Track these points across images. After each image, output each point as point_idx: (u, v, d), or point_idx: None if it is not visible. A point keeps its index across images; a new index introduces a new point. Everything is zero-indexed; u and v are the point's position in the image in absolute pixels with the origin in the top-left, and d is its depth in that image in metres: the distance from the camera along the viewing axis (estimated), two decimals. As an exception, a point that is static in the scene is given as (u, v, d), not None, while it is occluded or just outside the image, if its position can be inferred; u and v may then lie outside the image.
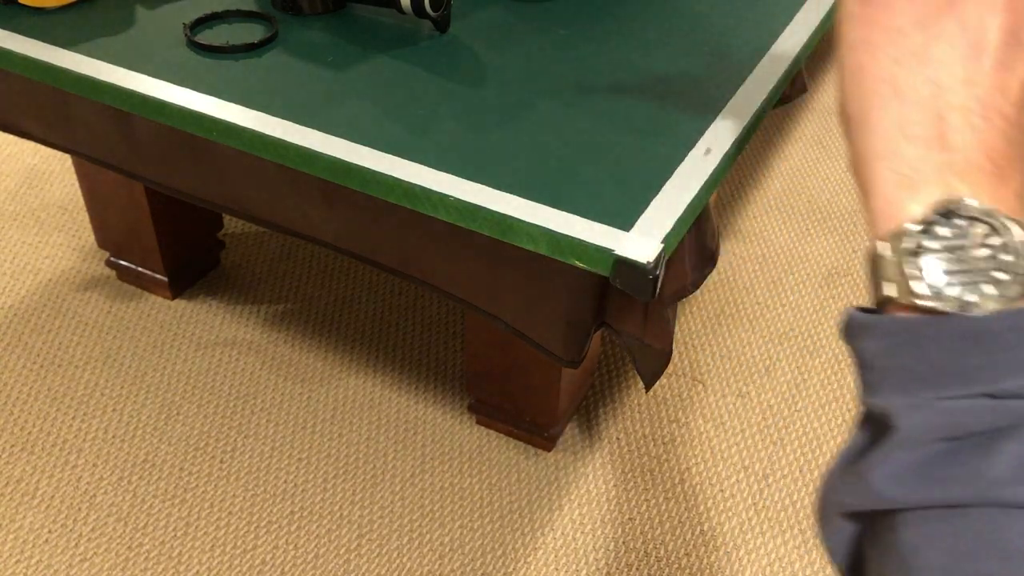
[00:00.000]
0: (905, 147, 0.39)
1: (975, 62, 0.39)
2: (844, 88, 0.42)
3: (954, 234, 0.37)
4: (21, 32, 0.83)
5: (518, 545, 1.15)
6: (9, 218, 1.59)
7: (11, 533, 1.14)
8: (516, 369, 1.19)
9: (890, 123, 0.40)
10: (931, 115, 0.39)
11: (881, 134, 0.40)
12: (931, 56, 0.39)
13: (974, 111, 0.38)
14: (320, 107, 0.75)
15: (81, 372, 1.34)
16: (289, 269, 1.51)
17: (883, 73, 0.40)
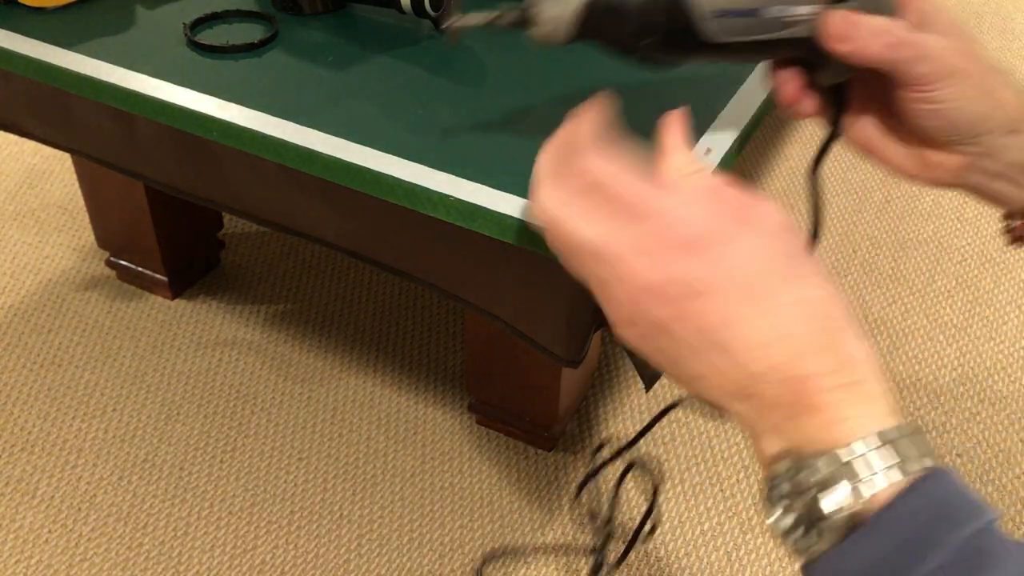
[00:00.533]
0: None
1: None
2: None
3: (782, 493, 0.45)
4: (21, 32, 0.83)
5: (518, 545, 1.15)
6: (9, 218, 1.59)
7: (11, 533, 1.14)
8: (516, 369, 1.19)
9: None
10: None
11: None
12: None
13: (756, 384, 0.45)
14: (320, 107, 0.75)
15: (81, 372, 1.34)
16: (289, 269, 1.51)
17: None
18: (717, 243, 0.45)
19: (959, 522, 0.41)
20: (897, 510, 0.42)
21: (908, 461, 0.43)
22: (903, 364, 1.39)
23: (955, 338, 1.43)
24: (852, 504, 0.42)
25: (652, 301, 0.46)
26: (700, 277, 0.45)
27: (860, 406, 0.44)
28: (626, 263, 0.46)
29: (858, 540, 0.42)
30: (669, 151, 0.50)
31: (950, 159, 0.58)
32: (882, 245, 1.60)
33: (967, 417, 1.32)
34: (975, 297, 1.51)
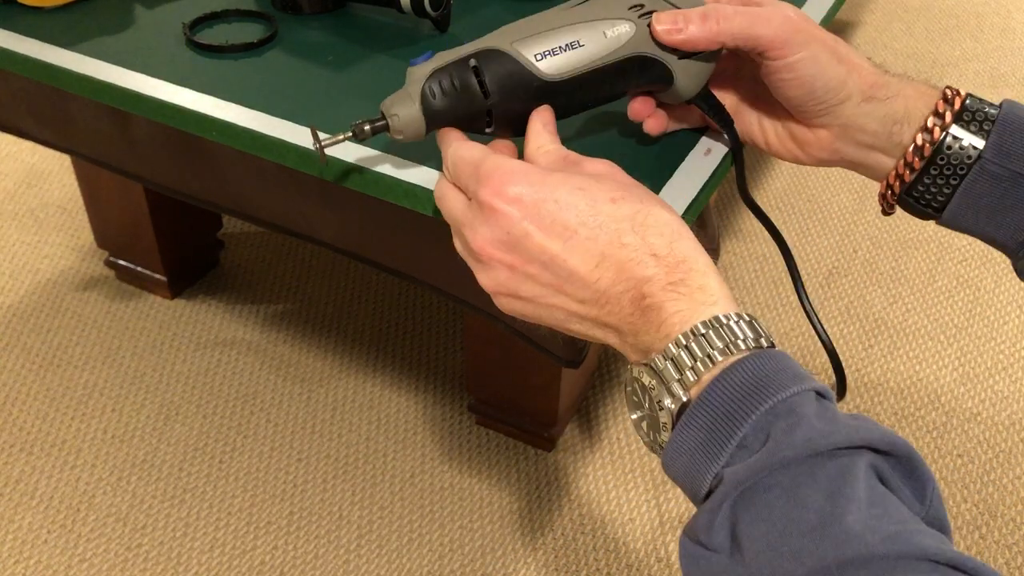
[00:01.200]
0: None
1: (565, 298, 0.52)
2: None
3: (634, 395, 0.52)
4: (20, 31, 0.83)
5: (518, 545, 1.15)
6: (8, 218, 1.59)
7: (10, 533, 1.14)
8: (516, 369, 1.19)
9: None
10: (595, 327, 0.53)
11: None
12: (556, 306, 0.53)
13: (599, 312, 0.52)
14: (320, 107, 0.75)
15: (80, 372, 1.34)
16: (289, 269, 1.51)
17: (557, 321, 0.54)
18: (548, 189, 0.51)
19: (766, 393, 0.44)
20: (708, 392, 0.45)
21: (727, 347, 0.46)
22: (903, 364, 1.39)
23: (955, 338, 1.43)
24: (675, 397, 0.47)
25: (503, 253, 0.52)
26: (532, 220, 0.51)
27: (688, 299, 0.48)
28: (476, 230, 0.53)
29: (682, 429, 0.46)
30: (531, 135, 0.58)
31: (819, 135, 0.63)
32: (882, 245, 1.60)
33: (967, 417, 1.31)
34: (976, 297, 1.50)
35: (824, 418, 0.44)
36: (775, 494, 0.42)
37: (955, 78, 2.03)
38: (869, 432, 0.43)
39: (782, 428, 0.43)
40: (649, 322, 0.49)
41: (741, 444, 0.44)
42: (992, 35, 2.18)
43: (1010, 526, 1.18)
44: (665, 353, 0.48)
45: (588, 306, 0.52)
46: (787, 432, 0.43)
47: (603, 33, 0.59)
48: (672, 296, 0.49)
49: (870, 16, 2.25)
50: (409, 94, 0.58)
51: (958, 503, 1.21)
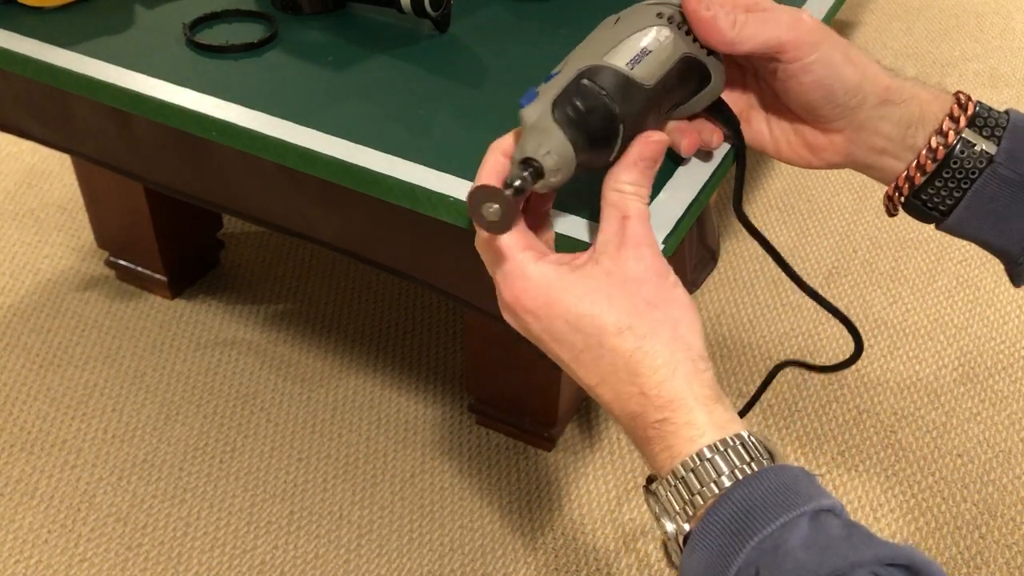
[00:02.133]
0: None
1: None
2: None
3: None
4: (20, 31, 0.83)
5: (518, 545, 1.15)
6: (8, 218, 1.59)
7: (10, 533, 1.14)
8: (516, 369, 1.19)
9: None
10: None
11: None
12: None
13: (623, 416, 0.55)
14: (320, 107, 0.75)
15: (80, 372, 1.34)
16: (289, 269, 1.51)
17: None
18: (560, 310, 0.53)
19: (752, 530, 0.46)
20: (704, 526, 0.48)
21: (719, 478, 0.48)
22: (903, 364, 1.39)
23: (955, 338, 1.43)
24: (684, 527, 0.49)
25: (525, 332, 0.56)
26: (544, 332, 0.54)
27: (672, 439, 0.51)
28: (502, 309, 0.57)
29: (687, 555, 0.49)
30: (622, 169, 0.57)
31: (833, 140, 0.63)
32: (882, 245, 1.60)
33: (967, 417, 1.31)
34: (976, 297, 1.50)
35: (812, 547, 0.45)
36: None
37: (955, 78, 2.03)
38: (860, 554, 0.44)
39: (768, 567, 0.45)
40: (646, 445, 0.53)
41: (756, 550, 0.46)
42: (992, 35, 2.18)
43: (1010, 526, 1.18)
44: (663, 486, 0.51)
45: (604, 402, 0.55)
46: (773, 571, 0.45)
47: (656, 39, 0.59)
48: (659, 434, 0.51)
49: (870, 16, 2.25)
50: (544, 129, 0.55)
51: (958, 503, 1.21)
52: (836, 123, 0.62)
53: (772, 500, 0.47)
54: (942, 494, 1.22)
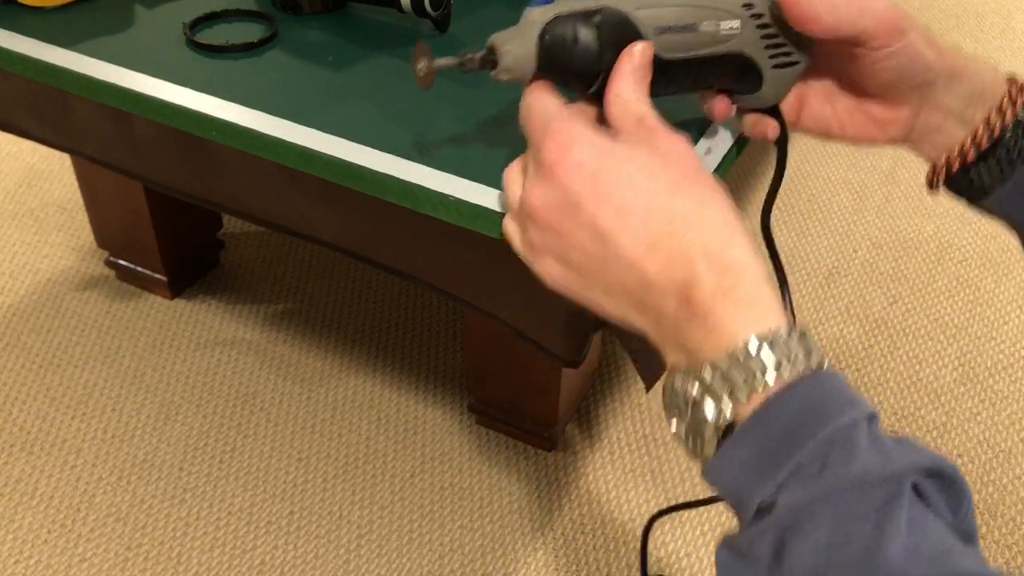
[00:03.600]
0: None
1: (605, 283, 0.51)
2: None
3: (673, 404, 0.50)
4: (20, 31, 0.83)
5: (518, 545, 1.15)
6: (8, 217, 1.59)
7: (10, 533, 1.14)
8: (516, 369, 1.19)
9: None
10: (636, 320, 0.52)
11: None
12: (604, 296, 0.52)
13: (637, 307, 0.51)
14: (320, 107, 0.75)
15: (80, 372, 1.34)
16: (289, 269, 1.51)
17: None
18: (611, 162, 0.50)
19: (823, 419, 0.44)
20: (763, 413, 0.45)
21: (784, 364, 0.45)
22: (903, 364, 1.39)
23: (955, 338, 1.43)
24: (729, 410, 0.46)
25: (554, 215, 0.51)
26: (589, 191, 0.50)
27: (740, 311, 0.46)
28: (532, 185, 0.52)
29: (732, 444, 0.45)
30: (616, 77, 0.55)
31: (900, 114, 0.63)
32: (882, 245, 1.60)
33: (967, 417, 1.31)
34: (976, 297, 1.50)
35: (875, 447, 0.44)
36: (825, 521, 0.42)
37: (955, 78, 2.03)
38: (915, 459, 0.43)
39: (839, 458, 0.43)
40: (696, 324, 0.47)
41: (796, 469, 0.44)
42: (992, 35, 2.18)
43: (1010, 526, 1.18)
44: (715, 365, 0.46)
45: (631, 290, 0.50)
46: (844, 463, 0.43)
47: (717, 24, 0.57)
48: (723, 304, 0.47)
49: (870, 16, 2.24)
50: (524, 34, 0.56)
51: (958, 503, 1.21)
52: (907, 98, 0.62)
53: (839, 396, 0.45)
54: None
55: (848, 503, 0.42)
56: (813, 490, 0.43)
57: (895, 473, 0.42)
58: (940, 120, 0.63)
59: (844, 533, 0.41)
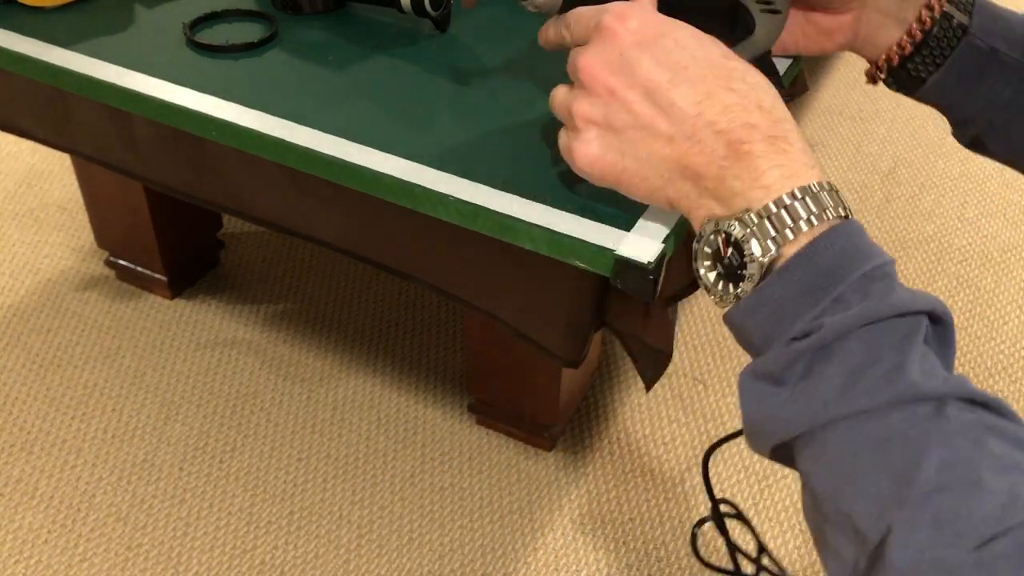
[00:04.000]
0: (682, 201, 0.54)
1: (656, 132, 0.53)
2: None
3: (711, 248, 0.52)
4: (20, 31, 0.83)
5: (518, 545, 1.15)
6: (8, 217, 1.59)
7: (10, 533, 1.14)
8: (516, 369, 1.19)
9: (670, 200, 0.55)
10: (676, 176, 0.54)
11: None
12: (642, 158, 0.54)
13: (689, 149, 0.52)
14: (320, 107, 0.75)
15: (80, 372, 1.34)
16: (289, 269, 1.51)
17: (640, 191, 0.56)
18: (669, 27, 0.54)
19: (864, 258, 0.48)
20: (810, 251, 0.48)
21: (822, 212, 0.49)
22: (903, 364, 1.39)
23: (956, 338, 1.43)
24: (770, 252, 0.49)
25: (608, 74, 0.54)
26: (647, 49, 0.53)
27: (783, 158, 0.50)
28: (587, 51, 0.55)
29: (773, 281, 0.49)
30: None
31: (843, 21, 0.71)
32: (882, 245, 1.59)
33: (967, 417, 1.31)
34: (976, 297, 1.50)
35: (903, 286, 0.49)
36: (855, 344, 0.46)
37: (955, 78, 2.03)
38: (933, 303, 0.48)
39: (880, 289, 0.47)
40: (743, 169, 0.50)
41: (838, 299, 0.47)
42: (992, 35, 2.18)
43: (1010, 526, 1.18)
44: (764, 209, 0.49)
45: (677, 143, 0.52)
46: (884, 293, 0.47)
47: None
48: (772, 150, 0.50)
49: (870, 16, 2.24)
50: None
51: (958, 503, 1.21)
52: (850, 5, 0.70)
53: (868, 242, 0.49)
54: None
55: (878, 332, 0.46)
56: (856, 316, 0.47)
57: (919, 310, 0.47)
58: (880, 21, 0.71)
59: (873, 356, 0.46)
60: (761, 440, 0.50)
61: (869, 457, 0.45)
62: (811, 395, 0.47)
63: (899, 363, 0.46)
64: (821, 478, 0.47)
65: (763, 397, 0.49)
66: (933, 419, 0.45)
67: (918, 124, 1.90)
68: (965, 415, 0.45)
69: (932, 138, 1.86)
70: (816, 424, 0.47)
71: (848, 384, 0.46)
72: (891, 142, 1.85)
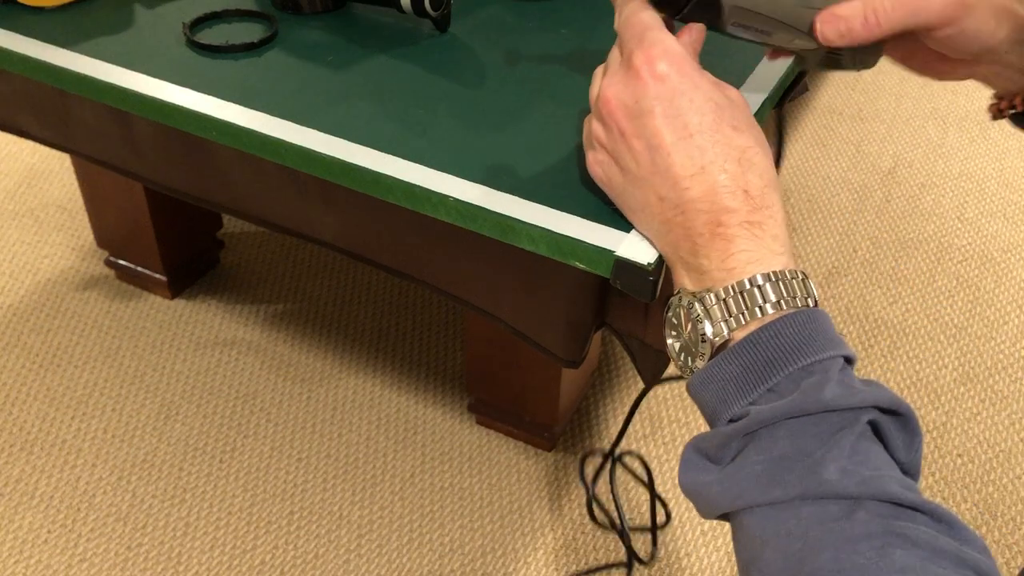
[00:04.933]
0: (668, 258, 0.56)
1: (651, 187, 0.56)
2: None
3: (676, 319, 0.55)
4: (20, 31, 0.83)
5: (518, 545, 1.15)
6: (8, 217, 1.59)
7: (10, 533, 1.14)
8: (516, 369, 1.19)
9: (660, 251, 0.57)
10: (663, 234, 0.56)
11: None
12: (639, 203, 0.57)
13: (673, 216, 0.55)
14: (320, 107, 0.75)
15: (80, 372, 1.34)
16: (289, 269, 1.51)
17: (639, 225, 0.59)
18: (691, 85, 0.55)
19: (806, 352, 0.49)
20: (755, 338, 0.50)
21: (780, 300, 0.50)
22: (903, 364, 1.39)
23: (955, 338, 1.43)
24: (722, 334, 0.51)
25: (622, 115, 0.56)
26: (663, 103, 0.55)
27: (753, 243, 0.52)
28: (613, 81, 0.57)
29: (721, 361, 0.51)
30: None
31: (967, 66, 0.67)
32: (882, 245, 1.60)
33: (967, 417, 1.31)
34: (976, 297, 1.50)
35: (845, 384, 0.49)
36: (782, 434, 0.48)
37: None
38: (878, 397, 0.48)
39: (812, 384, 0.48)
40: (714, 248, 0.52)
41: (772, 388, 0.49)
42: (992, 35, 2.18)
43: (1010, 526, 1.18)
44: (723, 291, 0.51)
45: (667, 206, 0.54)
46: (815, 389, 0.48)
47: (791, 40, 0.61)
48: (746, 234, 0.52)
49: (870, 16, 2.24)
50: None
51: (958, 503, 1.21)
52: (976, 58, 0.66)
53: (825, 334, 0.50)
54: (942, 494, 1.21)
55: (806, 425, 0.47)
56: (781, 408, 0.48)
57: (854, 406, 0.48)
58: (1008, 74, 0.67)
59: (795, 446, 0.47)
60: (701, 509, 0.52)
61: (773, 545, 0.46)
62: (735, 479, 0.48)
63: (820, 459, 0.46)
64: (740, 553, 0.49)
65: (698, 472, 0.51)
66: (841, 520, 0.45)
67: (918, 124, 1.90)
68: (875, 522, 0.45)
69: (932, 138, 1.86)
70: (737, 507, 0.48)
71: (767, 473, 0.47)
72: (891, 142, 1.85)
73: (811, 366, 0.49)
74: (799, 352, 0.49)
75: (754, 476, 0.47)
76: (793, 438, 0.47)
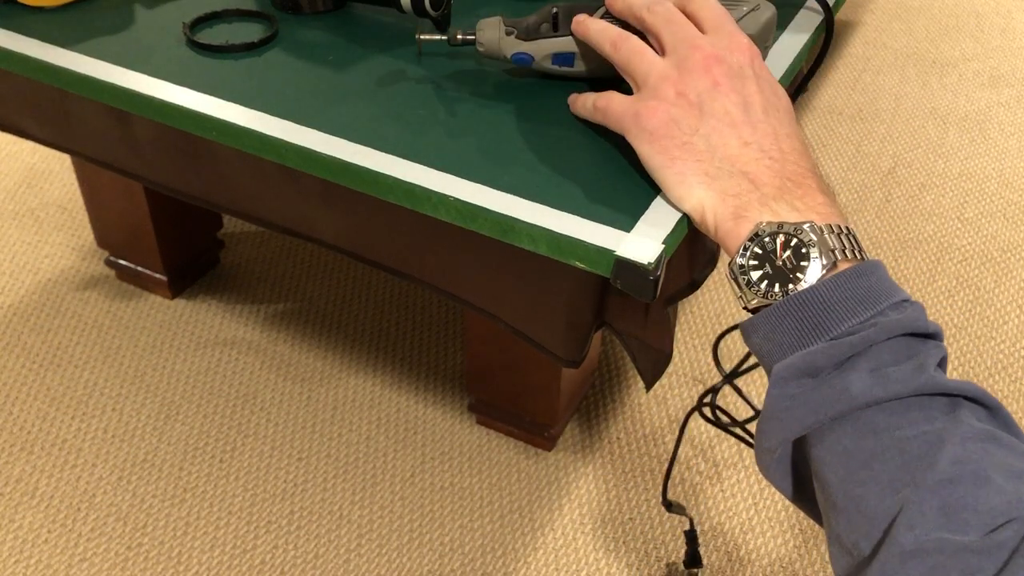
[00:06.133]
0: (730, 199, 0.59)
1: (738, 132, 0.61)
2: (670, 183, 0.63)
3: (762, 249, 0.57)
4: (20, 31, 0.83)
5: (518, 545, 1.15)
6: (8, 217, 1.59)
7: (10, 533, 1.14)
8: (516, 369, 1.19)
9: (715, 192, 0.60)
10: (737, 174, 0.60)
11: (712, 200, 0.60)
12: (712, 145, 0.61)
13: (760, 158, 0.60)
14: (320, 107, 0.75)
15: (80, 372, 1.34)
16: (289, 269, 1.51)
17: (689, 169, 0.61)
18: (771, 79, 0.64)
19: (899, 291, 0.55)
20: (859, 271, 0.55)
21: (854, 249, 0.56)
22: (903, 364, 1.39)
23: (955, 338, 1.43)
24: (833, 259, 0.55)
25: (720, 70, 0.63)
26: (758, 76, 0.63)
27: (832, 206, 0.58)
28: (706, 40, 0.65)
29: (824, 285, 0.54)
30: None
31: None
32: (882, 245, 1.60)
33: (967, 417, 1.31)
34: (975, 297, 1.50)
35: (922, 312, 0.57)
36: (887, 347, 0.52)
37: (955, 78, 2.03)
38: (932, 327, 0.56)
39: (914, 311, 0.55)
40: (804, 194, 0.58)
41: (881, 312, 0.54)
42: (992, 35, 2.18)
43: (1010, 526, 1.18)
44: (825, 227, 0.56)
45: (751, 150, 0.60)
46: (918, 315, 0.54)
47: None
48: (823, 193, 0.59)
49: (870, 16, 2.25)
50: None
51: (958, 503, 1.21)
52: None
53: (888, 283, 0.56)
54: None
55: (912, 342, 0.53)
56: (896, 322, 0.53)
57: (933, 332, 0.55)
58: None
59: (901, 357, 0.52)
60: (777, 432, 0.54)
61: (887, 444, 0.50)
62: (840, 385, 0.52)
63: (921, 364, 0.52)
64: (835, 465, 0.51)
65: (795, 387, 0.53)
66: (948, 418, 0.50)
67: (918, 124, 1.90)
68: (976, 424, 0.50)
69: (932, 138, 1.87)
70: (842, 411, 0.51)
71: (875, 377, 0.51)
72: (891, 142, 1.85)
73: (905, 302, 0.54)
74: (895, 289, 0.55)
75: (861, 380, 0.51)
76: (897, 350, 0.52)
